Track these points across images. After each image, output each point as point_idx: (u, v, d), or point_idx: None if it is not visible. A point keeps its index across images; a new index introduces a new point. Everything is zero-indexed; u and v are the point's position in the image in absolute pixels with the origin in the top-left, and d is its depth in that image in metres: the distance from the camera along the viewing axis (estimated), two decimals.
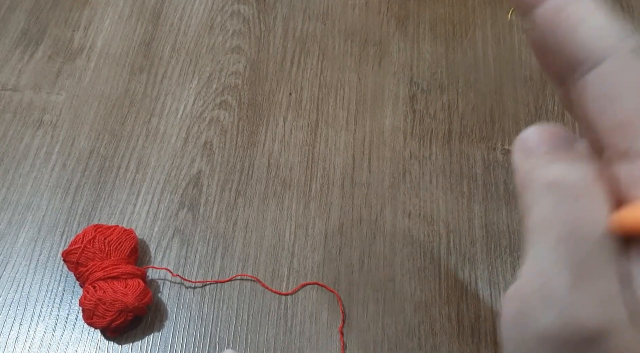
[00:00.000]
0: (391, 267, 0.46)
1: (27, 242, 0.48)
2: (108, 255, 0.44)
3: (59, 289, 0.46)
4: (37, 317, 0.45)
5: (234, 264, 0.47)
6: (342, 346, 0.43)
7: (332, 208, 0.49)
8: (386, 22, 0.60)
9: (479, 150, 0.52)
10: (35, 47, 0.59)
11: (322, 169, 0.51)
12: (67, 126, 0.54)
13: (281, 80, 0.56)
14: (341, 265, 0.47)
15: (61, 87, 0.57)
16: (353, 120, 0.54)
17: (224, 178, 0.51)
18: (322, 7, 0.61)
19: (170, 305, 0.45)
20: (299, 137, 0.53)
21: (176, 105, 0.55)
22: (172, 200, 0.50)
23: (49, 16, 0.61)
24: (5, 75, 0.57)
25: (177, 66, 0.58)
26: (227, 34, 0.60)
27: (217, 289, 0.46)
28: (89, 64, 0.58)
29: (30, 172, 0.52)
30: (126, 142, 0.53)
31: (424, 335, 0.44)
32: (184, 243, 0.48)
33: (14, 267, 0.47)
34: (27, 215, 0.50)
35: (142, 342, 0.44)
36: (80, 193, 0.51)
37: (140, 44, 0.59)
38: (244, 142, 0.53)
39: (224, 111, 0.55)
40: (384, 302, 0.45)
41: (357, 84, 0.56)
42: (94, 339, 0.44)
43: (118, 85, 0.57)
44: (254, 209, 0.49)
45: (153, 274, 0.47)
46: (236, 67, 0.57)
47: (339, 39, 0.59)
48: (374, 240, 0.48)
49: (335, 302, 0.45)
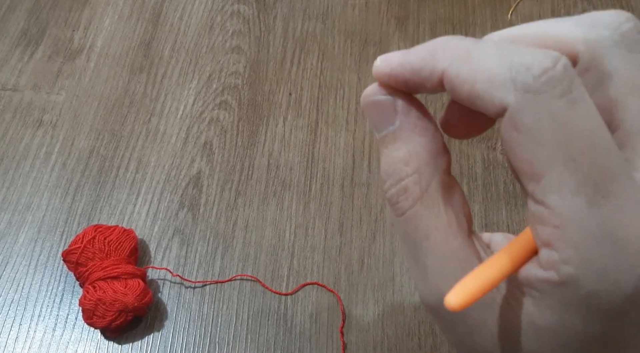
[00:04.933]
0: (391, 267, 0.46)
1: (27, 242, 0.48)
2: (108, 255, 0.44)
3: (59, 289, 0.46)
4: (37, 317, 0.45)
5: (234, 264, 0.47)
6: (342, 346, 0.43)
7: (332, 208, 0.49)
8: (386, 22, 0.60)
9: (478, 150, 0.52)
10: (35, 47, 0.59)
11: (322, 169, 0.51)
12: (67, 126, 0.54)
13: (281, 80, 0.56)
14: (341, 265, 0.47)
15: (61, 87, 0.57)
16: (353, 120, 0.54)
17: (223, 178, 0.51)
18: (322, 7, 0.61)
19: (170, 305, 0.45)
20: (299, 137, 0.53)
21: (176, 105, 0.55)
22: (172, 200, 0.50)
23: (49, 16, 0.61)
24: (5, 75, 0.57)
25: (177, 66, 0.58)
26: (227, 34, 0.60)
27: (217, 289, 0.46)
28: (88, 63, 0.58)
29: (30, 172, 0.52)
30: (126, 142, 0.53)
31: (424, 335, 0.44)
32: (184, 243, 0.48)
33: (14, 267, 0.47)
34: (27, 215, 0.50)
35: (142, 342, 0.44)
36: (80, 193, 0.51)
37: (140, 44, 0.59)
38: (244, 142, 0.53)
39: (224, 111, 0.55)
40: (384, 302, 0.45)
41: (357, 84, 0.56)
42: (94, 339, 0.44)
43: (118, 85, 0.57)
44: (254, 209, 0.49)
45: (153, 274, 0.47)
46: (236, 67, 0.57)
47: (339, 39, 0.59)
48: (373, 240, 0.48)
49: (335, 302, 0.45)
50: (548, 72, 0.16)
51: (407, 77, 0.19)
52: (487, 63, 0.17)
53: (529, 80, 0.16)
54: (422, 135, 0.20)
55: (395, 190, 0.20)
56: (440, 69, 0.18)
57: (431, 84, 0.19)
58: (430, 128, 0.20)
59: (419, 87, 0.19)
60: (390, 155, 0.20)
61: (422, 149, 0.20)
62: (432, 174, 0.20)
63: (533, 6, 0.61)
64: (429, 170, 0.20)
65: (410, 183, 0.20)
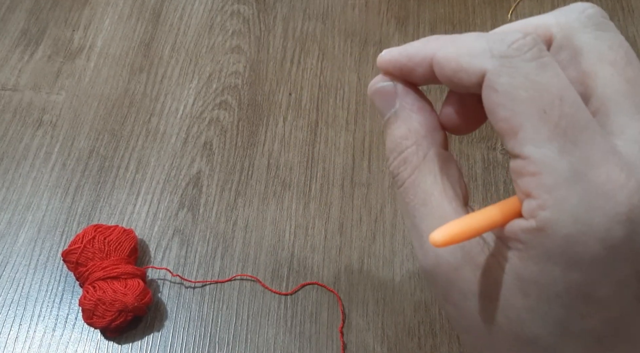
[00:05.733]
0: (391, 267, 0.46)
1: (27, 242, 0.48)
2: (108, 255, 0.44)
3: (59, 289, 0.46)
4: (37, 317, 0.45)
5: (234, 264, 0.47)
6: (342, 346, 0.43)
7: (332, 208, 0.49)
8: (386, 22, 0.60)
9: (478, 150, 0.52)
10: (35, 47, 0.59)
11: (322, 169, 0.51)
12: (67, 126, 0.54)
13: (281, 80, 0.56)
14: (341, 265, 0.47)
15: (61, 87, 0.57)
16: (353, 120, 0.54)
17: (223, 178, 0.51)
18: (322, 7, 0.61)
19: (170, 305, 0.45)
20: (299, 137, 0.53)
21: (176, 105, 0.55)
22: (172, 200, 0.50)
23: (49, 16, 0.61)
24: (5, 75, 0.57)
25: (177, 66, 0.58)
26: (227, 34, 0.60)
27: (217, 289, 0.46)
28: (88, 63, 0.58)
29: (30, 172, 0.52)
30: (126, 142, 0.53)
31: (424, 335, 0.44)
32: (183, 243, 0.48)
33: (14, 267, 0.47)
34: (27, 215, 0.50)
35: (142, 342, 0.44)
36: (80, 193, 0.51)
37: (140, 44, 0.59)
38: (244, 142, 0.53)
39: (224, 111, 0.55)
40: (384, 302, 0.45)
41: (357, 84, 0.56)
42: (94, 339, 0.44)
43: (118, 85, 0.57)
44: (254, 209, 0.49)
45: (153, 274, 0.47)
46: (236, 67, 0.57)
47: (339, 39, 0.59)
48: (374, 240, 0.48)
49: (335, 302, 0.45)
50: (519, 41, 0.19)
51: (404, 63, 0.23)
52: (468, 42, 0.20)
53: (503, 47, 0.19)
54: (419, 113, 0.23)
55: (397, 162, 0.23)
56: (430, 54, 0.21)
57: (422, 69, 0.22)
58: (426, 108, 0.23)
59: (413, 72, 0.22)
60: (392, 133, 0.23)
61: (419, 125, 0.23)
62: (428, 146, 0.22)
63: (533, 6, 0.61)
64: (425, 142, 0.22)
65: (409, 154, 0.22)
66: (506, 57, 0.19)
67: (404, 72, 0.23)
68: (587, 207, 0.17)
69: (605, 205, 0.17)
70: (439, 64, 0.21)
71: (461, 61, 0.20)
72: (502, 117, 0.19)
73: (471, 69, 0.20)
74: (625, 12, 0.60)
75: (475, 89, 0.20)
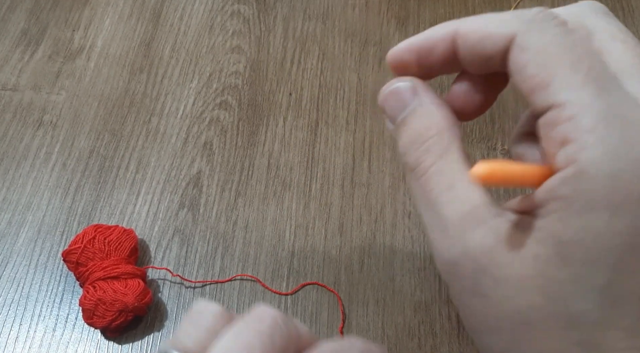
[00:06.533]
0: (391, 267, 0.46)
1: (27, 242, 0.48)
2: (108, 255, 0.44)
3: (59, 289, 0.46)
4: (37, 317, 0.45)
5: (234, 264, 0.47)
6: None
7: (332, 208, 0.49)
8: (386, 22, 0.60)
9: (478, 150, 0.52)
10: (35, 47, 0.59)
11: (322, 169, 0.51)
12: (67, 126, 0.54)
13: (281, 80, 0.56)
14: (341, 265, 0.47)
15: (61, 87, 0.57)
16: (353, 120, 0.54)
17: (224, 179, 0.51)
18: (322, 7, 0.61)
19: (170, 305, 0.45)
20: (299, 137, 0.53)
21: (176, 105, 0.55)
22: (172, 200, 0.50)
23: (49, 16, 0.61)
24: (5, 75, 0.57)
25: (177, 66, 0.58)
26: (227, 34, 0.60)
27: (217, 289, 0.46)
28: (89, 63, 0.58)
29: (30, 172, 0.52)
30: (126, 142, 0.53)
31: (424, 335, 0.44)
32: (184, 243, 0.48)
33: (14, 267, 0.47)
34: (27, 215, 0.50)
35: (142, 342, 0.44)
36: (80, 193, 0.51)
37: (140, 44, 0.59)
38: (244, 142, 0.53)
39: (224, 111, 0.55)
40: (384, 302, 0.45)
41: (357, 84, 0.56)
42: (94, 339, 0.44)
43: (118, 85, 0.57)
44: (254, 209, 0.49)
45: (153, 274, 0.47)
46: (236, 67, 0.57)
47: (339, 39, 0.59)
48: (374, 240, 0.48)
49: (335, 302, 0.45)
50: (543, 12, 0.21)
51: (421, 44, 0.23)
52: (493, 15, 0.22)
53: (530, 15, 0.21)
54: (441, 108, 0.23)
55: (418, 152, 0.23)
56: (452, 30, 0.23)
57: (442, 46, 0.23)
58: (445, 105, 0.24)
59: (431, 52, 0.23)
60: (411, 127, 0.23)
61: (442, 118, 0.23)
62: (452, 137, 0.23)
63: (533, 6, 0.61)
64: (448, 134, 0.23)
65: (433, 143, 0.22)
66: (535, 21, 0.20)
67: (422, 55, 0.23)
68: (629, 144, 0.17)
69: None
70: (464, 35, 0.22)
71: (489, 28, 0.21)
72: (532, 73, 0.20)
73: (498, 35, 0.21)
74: (625, 12, 0.60)
75: (495, 60, 0.21)
